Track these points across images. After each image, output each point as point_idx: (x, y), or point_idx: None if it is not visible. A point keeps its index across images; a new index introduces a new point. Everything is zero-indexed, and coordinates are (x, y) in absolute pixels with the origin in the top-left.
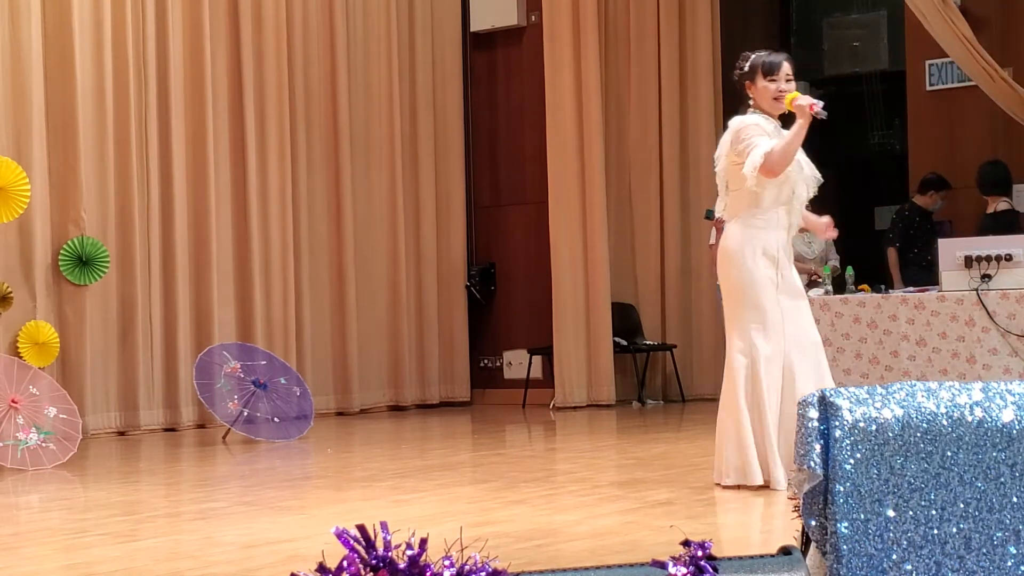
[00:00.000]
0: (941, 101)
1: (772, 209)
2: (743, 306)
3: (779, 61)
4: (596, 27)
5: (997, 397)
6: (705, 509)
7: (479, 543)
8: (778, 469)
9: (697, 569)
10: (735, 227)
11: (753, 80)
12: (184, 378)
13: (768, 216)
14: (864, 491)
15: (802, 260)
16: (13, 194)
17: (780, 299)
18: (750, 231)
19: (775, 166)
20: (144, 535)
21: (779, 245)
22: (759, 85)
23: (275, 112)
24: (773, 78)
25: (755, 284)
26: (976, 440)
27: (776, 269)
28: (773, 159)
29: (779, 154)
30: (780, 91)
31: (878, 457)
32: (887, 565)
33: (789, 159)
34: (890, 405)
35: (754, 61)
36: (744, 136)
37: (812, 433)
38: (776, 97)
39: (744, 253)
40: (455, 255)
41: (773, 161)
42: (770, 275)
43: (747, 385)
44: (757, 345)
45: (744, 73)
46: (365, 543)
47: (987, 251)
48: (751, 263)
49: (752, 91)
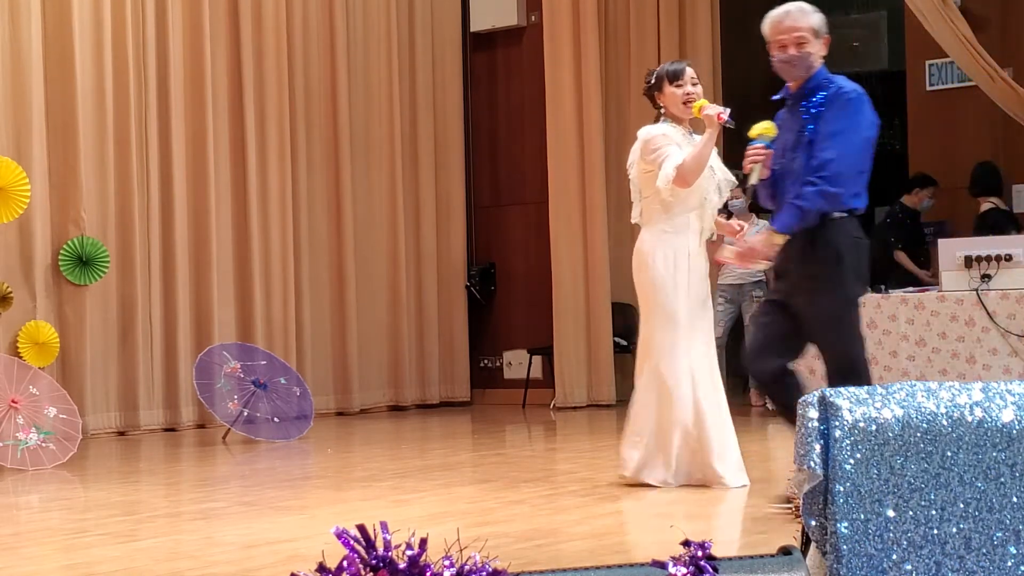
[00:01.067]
0: (941, 101)
1: (683, 215)
2: (654, 309)
3: (682, 67)
4: (596, 27)
5: (997, 397)
6: (705, 509)
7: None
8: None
9: (697, 569)
10: (647, 232)
11: (661, 89)
12: (184, 378)
13: (678, 221)
14: (864, 491)
15: None
16: (13, 194)
17: (690, 303)
18: (662, 236)
19: (688, 175)
20: (144, 535)
21: (690, 250)
22: (667, 92)
23: (275, 112)
24: (679, 83)
25: (665, 288)
26: (976, 440)
27: (687, 274)
28: (686, 169)
29: (691, 164)
30: (688, 94)
31: (878, 457)
32: (887, 565)
33: (701, 168)
34: (890, 405)
35: (659, 72)
36: (653, 146)
37: (812, 433)
38: (685, 101)
39: (656, 257)
40: (455, 255)
41: (686, 171)
42: (680, 279)
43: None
44: (665, 347)
45: (652, 85)
46: (365, 543)
47: (987, 251)
48: (662, 267)
49: (662, 99)
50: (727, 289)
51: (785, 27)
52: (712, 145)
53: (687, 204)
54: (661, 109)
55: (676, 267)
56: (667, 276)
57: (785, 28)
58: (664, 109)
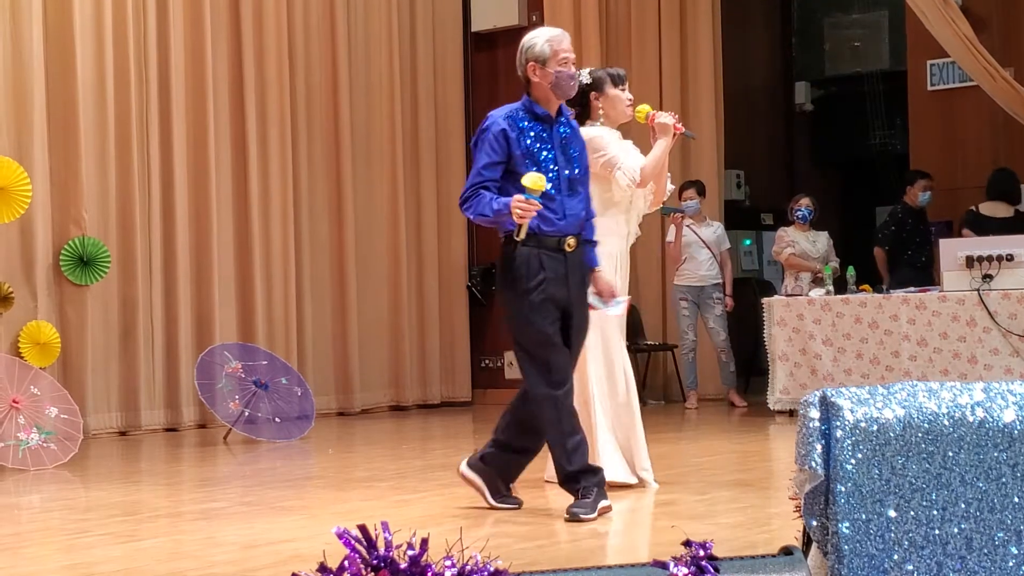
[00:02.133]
0: (942, 101)
1: (613, 217)
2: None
3: (624, 73)
4: (597, 27)
5: (999, 397)
6: (707, 509)
7: (480, 543)
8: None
9: (698, 569)
10: None
11: (602, 90)
12: (185, 378)
13: (608, 223)
14: (865, 491)
15: (806, 258)
16: (14, 194)
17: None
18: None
19: (647, 180)
20: (145, 535)
21: (616, 251)
22: (610, 93)
23: (276, 112)
24: (623, 87)
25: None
26: (977, 440)
27: (616, 275)
28: (646, 174)
29: (651, 170)
30: (631, 98)
31: (879, 457)
32: (888, 565)
33: (660, 174)
34: (891, 405)
35: (599, 73)
36: (596, 147)
37: (813, 433)
38: (629, 104)
39: None
40: (456, 255)
41: (646, 176)
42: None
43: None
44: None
45: (590, 85)
46: (366, 543)
47: (988, 251)
48: None
49: (602, 100)
50: (688, 291)
51: (568, 46)
52: (667, 153)
53: (618, 207)
54: (600, 111)
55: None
56: None
57: (569, 47)
58: (602, 111)
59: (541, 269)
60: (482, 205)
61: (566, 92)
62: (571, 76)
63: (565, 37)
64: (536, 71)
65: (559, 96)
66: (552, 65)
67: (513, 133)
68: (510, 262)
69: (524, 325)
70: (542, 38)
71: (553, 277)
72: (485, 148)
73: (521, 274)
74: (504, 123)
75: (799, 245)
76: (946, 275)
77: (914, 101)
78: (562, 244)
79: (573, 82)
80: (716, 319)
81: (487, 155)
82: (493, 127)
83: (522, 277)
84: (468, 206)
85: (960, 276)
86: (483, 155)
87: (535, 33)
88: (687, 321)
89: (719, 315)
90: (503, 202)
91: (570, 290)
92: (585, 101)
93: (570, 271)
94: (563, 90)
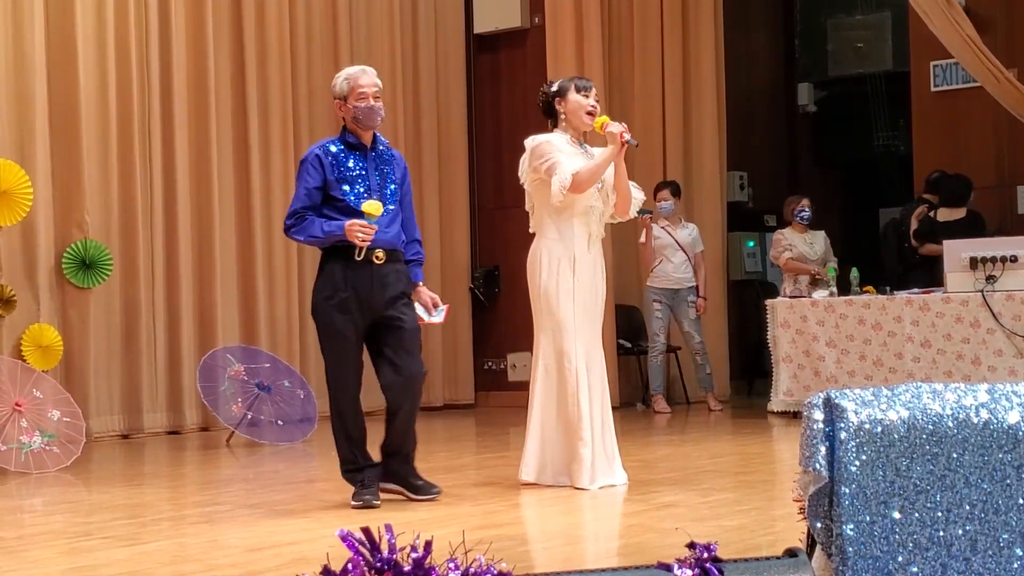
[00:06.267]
0: (946, 102)
1: (569, 221)
2: (542, 313)
3: (590, 83)
4: (599, 29)
5: (1003, 399)
6: (710, 511)
7: (484, 546)
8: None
9: (702, 571)
10: (538, 241)
11: (564, 96)
12: (188, 381)
13: (563, 228)
14: (870, 493)
15: (804, 261)
16: (16, 197)
17: (575, 308)
18: (549, 244)
19: (582, 185)
20: (148, 538)
21: (575, 256)
22: (572, 99)
23: (278, 114)
24: (586, 94)
25: (549, 295)
26: (982, 442)
27: (572, 279)
28: (581, 179)
29: (586, 176)
30: (592, 106)
31: (884, 459)
32: (893, 567)
33: (596, 180)
34: (896, 407)
35: (563, 82)
36: (539, 153)
37: (817, 435)
38: (589, 112)
39: (543, 263)
40: (459, 257)
41: (581, 180)
42: (567, 285)
43: (546, 388)
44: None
45: (554, 92)
46: (370, 546)
47: (992, 252)
48: (546, 275)
49: (563, 106)
50: (662, 293)
51: (368, 81)
52: (611, 162)
53: (572, 210)
54: (562, 116)
55: (560, 274)
56: (550, 283)
57: (369, 82)
58: (564, 117)
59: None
60: (313, 227)
61: (368, 123)
62: (370, 108)
63: (364, 73)
64: (340, 107)
65: (363, 128)
66: (351, 100)
67: (328, 159)
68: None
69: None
70: (342, 76)
71: (361, 285)
72: (304, 176)
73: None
74: (319, 151)
75: (797, 248)
76: (950, 276)
77: (917, 102)
78: (370, 256)
79: (373, 113)
80: (691, 323)
81: (306, 181)
82: (309, 156)
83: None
84: (297, 230)
85: (964, 277)
86: (302, 182)
87: (340, 73)
88: (659, 323)
89: (694, 319)
90: (336, 225)
91: (378, 297)
92: (551, 109)
93: (375, 280)
94: (363, 122)
